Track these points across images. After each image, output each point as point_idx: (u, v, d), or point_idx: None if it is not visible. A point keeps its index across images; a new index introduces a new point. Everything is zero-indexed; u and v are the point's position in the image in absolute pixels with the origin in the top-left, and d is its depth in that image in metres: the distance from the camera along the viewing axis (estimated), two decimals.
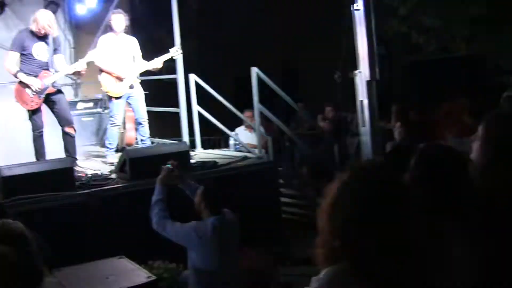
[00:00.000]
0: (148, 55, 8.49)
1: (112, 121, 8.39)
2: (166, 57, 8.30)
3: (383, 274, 1.76)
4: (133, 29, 8.49)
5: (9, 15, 12.79)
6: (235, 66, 10.94)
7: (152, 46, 8.74)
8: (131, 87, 8.26)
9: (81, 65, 7.49)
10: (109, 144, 8.46)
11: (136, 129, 9.00)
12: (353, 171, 1.96)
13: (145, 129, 8.44)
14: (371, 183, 1.88)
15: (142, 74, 8.39)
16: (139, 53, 8.46)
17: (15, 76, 7.36)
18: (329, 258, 1.87)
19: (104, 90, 8.37)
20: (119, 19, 8.24)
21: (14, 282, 2.12)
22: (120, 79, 8.17)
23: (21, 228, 2.20)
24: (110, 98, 8.41)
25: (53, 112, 7.62)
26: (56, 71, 7.50)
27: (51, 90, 7.43)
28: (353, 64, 6.61)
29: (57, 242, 4.48)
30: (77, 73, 7.79)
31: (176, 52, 8.38)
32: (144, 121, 8.40)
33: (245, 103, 9.54)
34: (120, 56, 8.29)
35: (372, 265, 1.77)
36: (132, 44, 8.42)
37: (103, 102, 10.80)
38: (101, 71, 8.26)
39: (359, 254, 1.79)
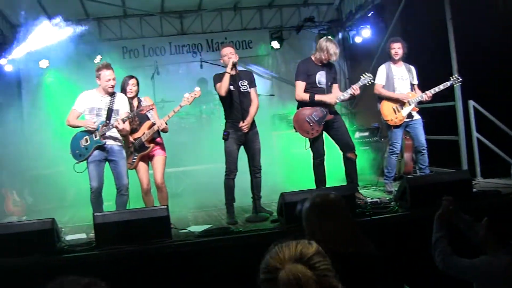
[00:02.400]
0: (424, 83, 8.46)
1: (391, 149, 8.45)
2: (445, 85, 8.19)
3: None
4: (409, 57, 8.49)
5: (287, 49, 13.71)
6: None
7: (428, 74, 8.65)
8: (410, 115, 8.29)
9: (355, 89, 7.68)
10: (388, 172, 8.54)
11: (415, 158, 8.98)
12: None
13: (425, 158, 8.34)
14: None
15: (419, 102, 8.35)
16: (416, 81, 8.46)
17: (312, 100, 7.69)
18: None
19: (383, 119, 8.44)
20: (398, 47, 8.33)
21: None
22: (400, 108, 8.25)
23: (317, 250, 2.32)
24: (389, 126, 8.46)
25: (333, 138, 7.89)
26: None
27: (329, 116, 7.73)
28: None
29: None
30: (351, 97, 7.94)
31: (456, 80, 8.23)
32: (423, 149, 8.32)
33: None
34: (399, 84, 8.38)
35: None
36: (411, 72, 8.45)
37: (380, 131, 10.95)
38: (380, 99, 8.42)
39: None
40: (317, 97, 7.66)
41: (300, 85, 7.78)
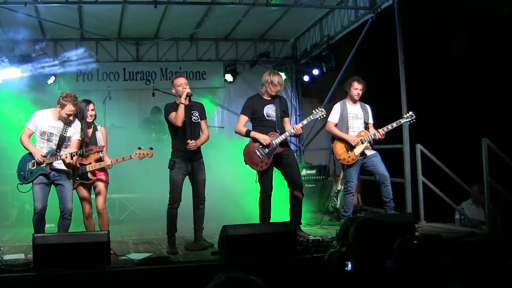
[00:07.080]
0: (379, 121, 8.46)
1: (347, 188, 8.37)
2: (398, 123, 8.14)
3: None
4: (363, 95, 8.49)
5: (240, 83, 13.74)
6: (460, 135, 10.40)
7: (378, 115, 8.66)
8: (363, 154, 8.24)
9: (297, 129, 7.64)
10: (344, 211, 8.40)
11: (359, 197, 8.93)
12: None
13: (388, 190, 8.16)
14: None
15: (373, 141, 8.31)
16: (371, 120, 8.47)
17: (247, 135, 7.71)
18: None
19: (336, 158, 8.38)
20: (360, 88, 8.34)
21: None
22: (352, 146, 8.20)
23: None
24: (343, 166, 8.44)
25: (282, 174, 7.79)
26: (283, 132, 7.70)
27: (279, 150, 7.64)
28: None
29: None
30: (297, 134, 7.86)
31: (410, 117, 8.13)
32: (386, 180, 8.14)
33: (469, 175, 8.98)
34: (353, 123, 8.35)
35: None
36: (366, 111, 8.45)
37: (327, 169, 10.93)
38: (333, 139, 8.39)
39: None
40: (252, 133, 7.69)
41: (242, 118, 7.80)
